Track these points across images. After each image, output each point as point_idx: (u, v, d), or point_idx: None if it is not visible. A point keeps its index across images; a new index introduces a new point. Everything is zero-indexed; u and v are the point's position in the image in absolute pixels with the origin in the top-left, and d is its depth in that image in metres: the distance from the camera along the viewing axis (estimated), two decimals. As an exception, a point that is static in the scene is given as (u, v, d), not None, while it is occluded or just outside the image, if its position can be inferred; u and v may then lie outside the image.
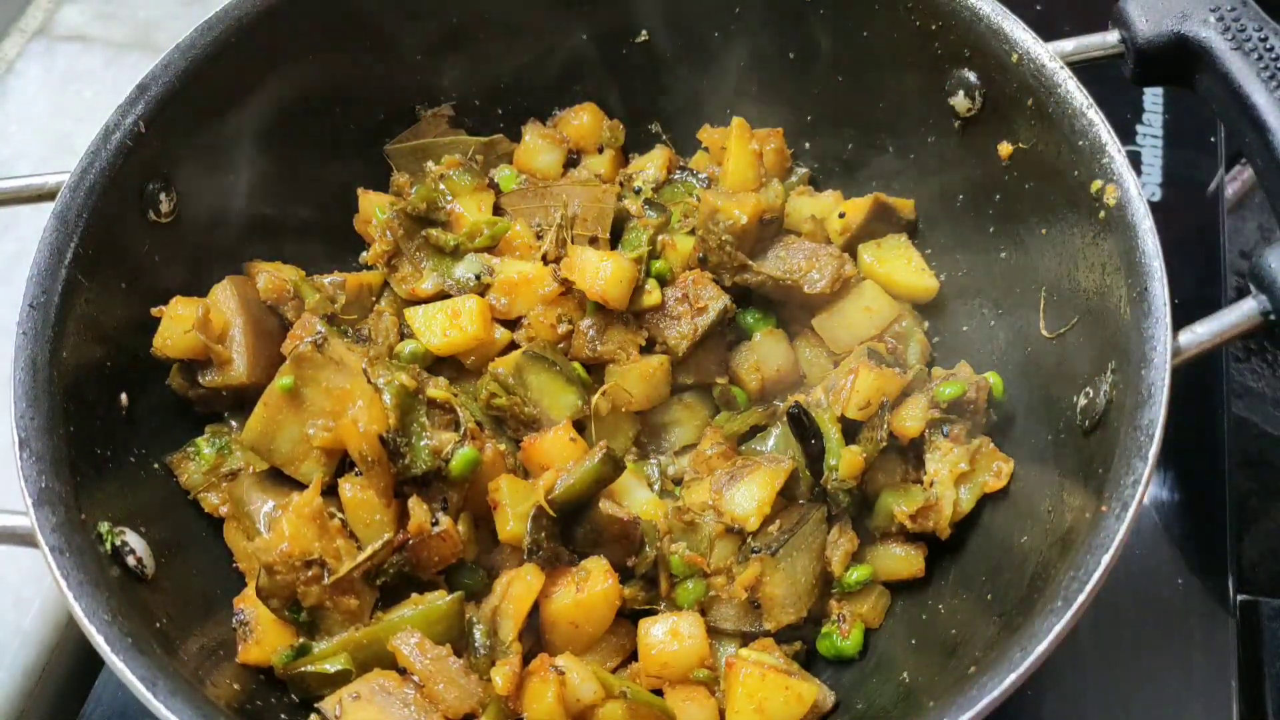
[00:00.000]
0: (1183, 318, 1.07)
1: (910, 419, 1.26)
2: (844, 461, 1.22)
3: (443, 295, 1.39)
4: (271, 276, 1.33)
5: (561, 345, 1.35)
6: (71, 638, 1.44)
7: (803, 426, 1.24)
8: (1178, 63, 1.22)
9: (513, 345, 1.36)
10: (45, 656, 1.42)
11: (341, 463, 1.23)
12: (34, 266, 1.13)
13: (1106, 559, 0.98)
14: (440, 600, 1.16)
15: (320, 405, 1.19)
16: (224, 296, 1.28)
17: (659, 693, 1.18)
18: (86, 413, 1.14)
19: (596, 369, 1.34)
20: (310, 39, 1.34)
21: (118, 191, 1.19)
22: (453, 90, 1.51)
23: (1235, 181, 2.01)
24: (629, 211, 1.46)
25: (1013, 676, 0.94)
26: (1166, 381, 1.03)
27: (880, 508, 1.27)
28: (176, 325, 1.23)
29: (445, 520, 1.18)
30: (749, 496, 1.22)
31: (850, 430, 1.26)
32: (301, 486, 1.22)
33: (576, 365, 1.33)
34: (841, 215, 1.42)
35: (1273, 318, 1.07)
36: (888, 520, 1.26)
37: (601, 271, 1.31)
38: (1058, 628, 0.95)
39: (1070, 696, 1.35)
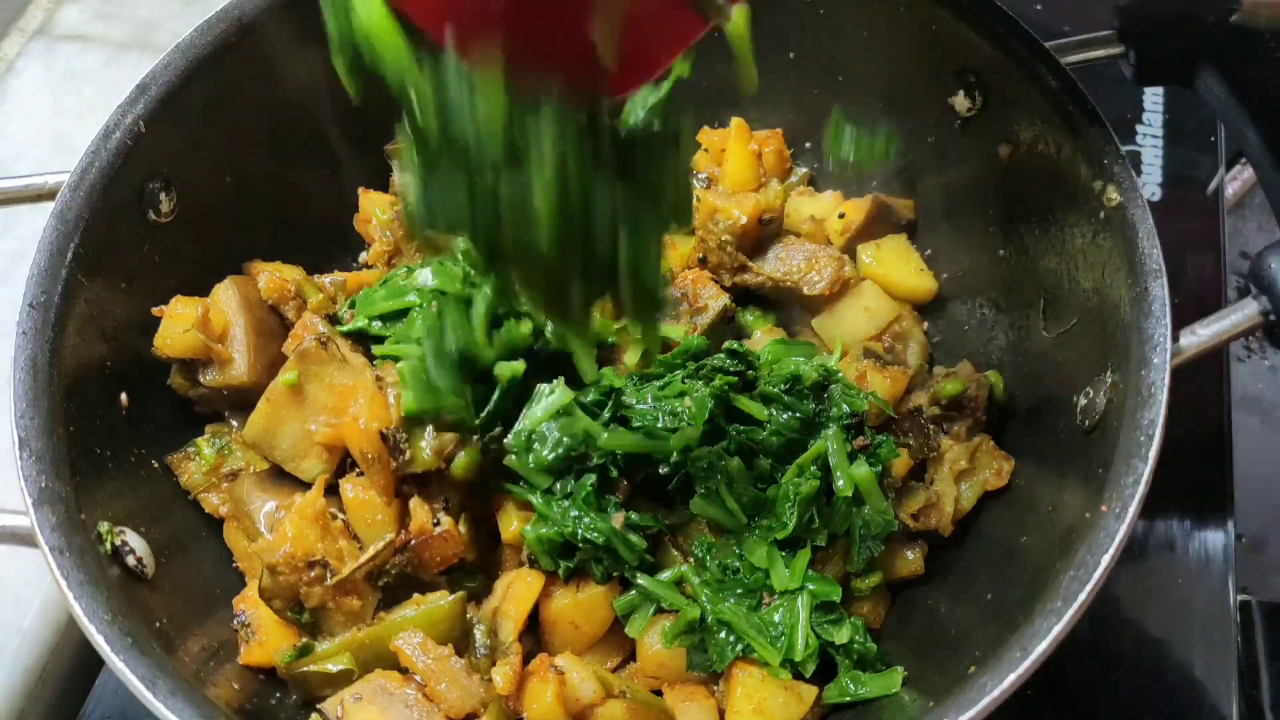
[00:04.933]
0: (1183, 318, 1.07)
1: (910, 418, 1.26)
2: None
3: (443, 295, 1.39)
4: (273, 276, 1.33)
5: (561, 345, 1.35)
6: (71, 638, 1.44)
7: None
8: (1178, 62, 1.22)
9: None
10: (45, 656, 1.42)
11: (342, 464, 1.23)
12: (34, 266, 1.12)
13: (1106, 559, 0.98)
14: (442, 601, 1.16)
15: (323, 401, 1.20)
16: (225, 296, 1.28)
17: (658, 693, 1.18)
18: (86, 413, 1.14)
19: (596, 369, 1.35)
20: (310, 38, 1.34)
21: (118, 191, 1.19)
22: (453, 90, 1.51)
23: (1235, 181, 2.01)
24: (629, 211, 1.46)
25: (1012, 676, 0.94)
26: (1166, 381, 1.03)
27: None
28: (177, 325, 1.23)
29: (447, 521, 1.18)
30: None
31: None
32: (302, 486, 1.22)
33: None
34: (841, 215, 1.42)
35: (1273, 318, 1.07)
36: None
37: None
38: (1058, 628, 0.95)
39: (1070, 696, 1.35)
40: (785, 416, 1.20)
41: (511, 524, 1.19)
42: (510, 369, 1.17)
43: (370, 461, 1.17)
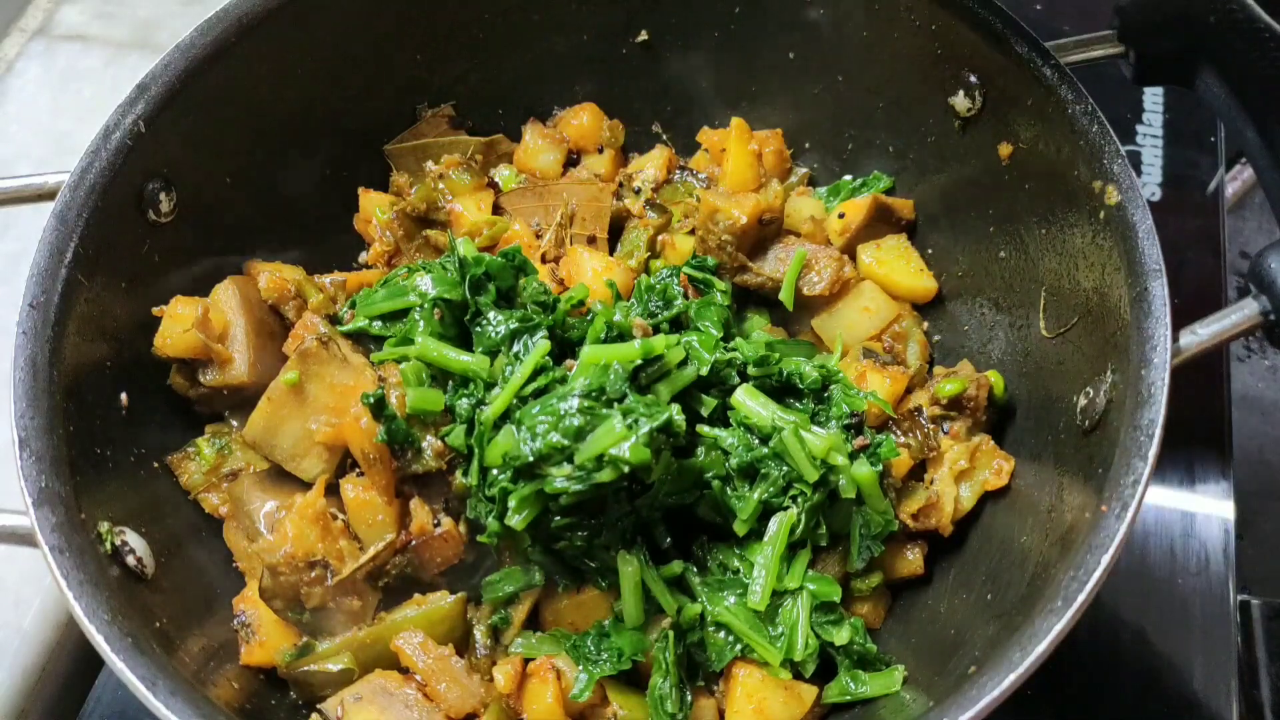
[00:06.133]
0: (1183, 318, 1.07)
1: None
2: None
3: (443, 295, 1.39)
4: (273, 276, 1.33)
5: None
6: (71, 637, 1.44)
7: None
8: (1178, 62, 1.22)
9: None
10: (45, 656, 1.42)
11: (342, 464, 1.23)
12: (34, 266, 1.12)
13: (1106, 559, 0.98)
14: (443, 601, 1.16)
15: (324, 401, 1.20)
16: (226, 296, 1.28)
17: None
18: (86, 413, 1.14)
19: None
20: (310, 39, 1.34)
21: (118, 191, 1.19)
22: (453, 90, 1.51)
23: (1235, 181, 2.01)
24: (630, 211, 1.46)
25: (1012, 677, 0.94)
26: (1166, 381, 1.03)
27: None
28: (177, 324, 1.23)
29: (447, 521, 1.18)
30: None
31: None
32: (302, 486, 1.22)
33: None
34: (841, 215, 1.42)
35: (1273, 318, 1.07)
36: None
37: (599, 279, 1.32)
38: (1058, 628, 0.95)
39: (1070, 697, 1.35)
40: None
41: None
42: None
43: (371, 461, 1.17)
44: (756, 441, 1.16)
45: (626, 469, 1.03)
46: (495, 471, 1.10)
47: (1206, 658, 1.37)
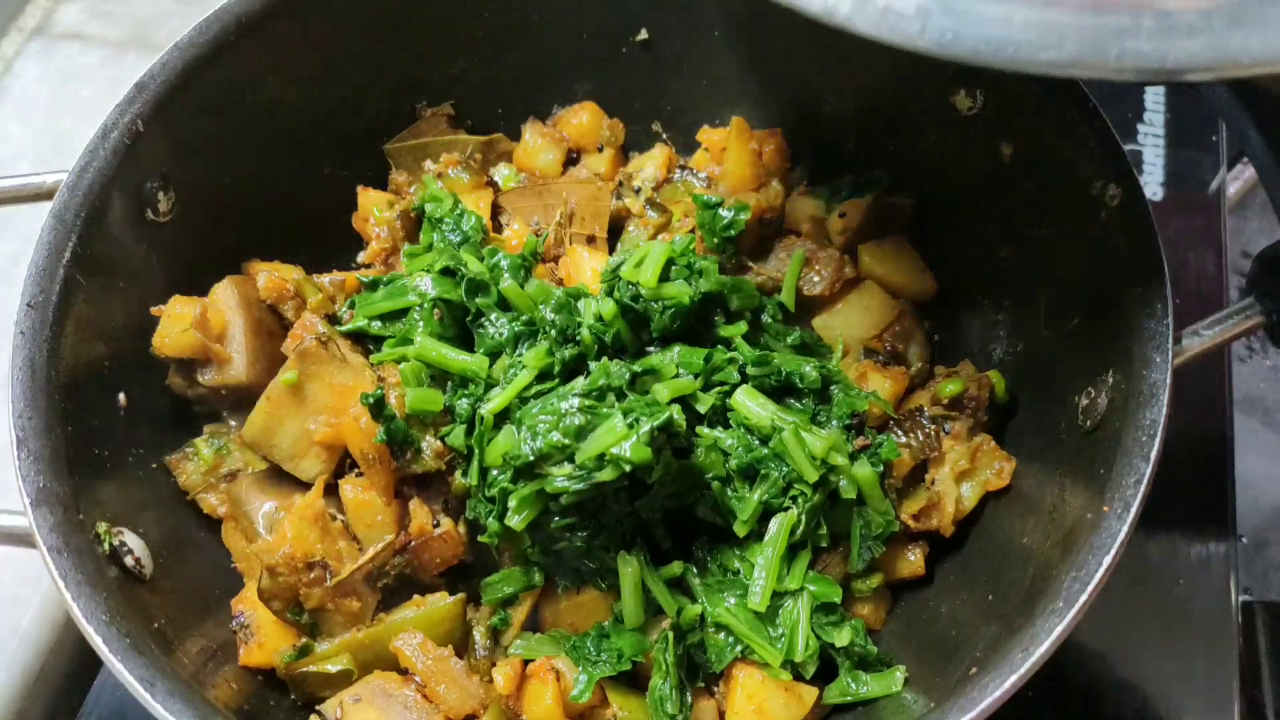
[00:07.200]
0: (1184, 318, 1.07)
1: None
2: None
3: (442, 294, 1.39)
4: (271, 276, 1.33)
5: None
6: (70, 638, 1.44)
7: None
8: (1179, 61, 1.21)
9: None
10: (43, 657, 1.42)
11: (341, 465, 1.23)
12: (32, 266, 1.12)
13: (1108, 559, 0.97)
14: (442, 602, 1.16)
15: (323, 401, 1.19)
16: (224, 296, 1.28)
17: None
18: (85, 413, 1.14)
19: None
20: (309, 37, 1.34)
21: (116, 190, 1.19)
22: (452, 89, 1.51)
23: (1237, 181, 2.00)
24: (630, 211, 1.46)
25: (1014, 678, 0.94)
26: (1168, 381, 1.03)
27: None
28: (175, 324, 1.23)
29: (446, 522, 1.18)
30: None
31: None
32: (301, 487, 1.22)
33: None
34: (842, 215, 1.41)
35: (1275, 318, 1.07)
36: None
37: (599, 279, 1.31)
38: (1059, 628, 0.95)
39: (1072, 697, 1.35)
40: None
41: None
42: None
43: (370, 462, 1.16)
44: (756, 442, 1.15)
45: (628, 468, 1.03)
46: (495, 471, 1.10)
47: (1208, 658, 1.37)
